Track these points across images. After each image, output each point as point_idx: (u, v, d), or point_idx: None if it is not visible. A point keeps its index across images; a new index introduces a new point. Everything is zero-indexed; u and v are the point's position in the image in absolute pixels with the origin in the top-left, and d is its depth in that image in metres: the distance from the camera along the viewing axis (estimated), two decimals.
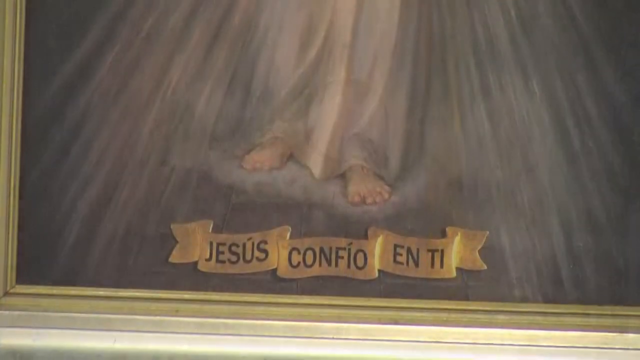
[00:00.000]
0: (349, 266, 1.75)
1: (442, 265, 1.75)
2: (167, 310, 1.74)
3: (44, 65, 1.75)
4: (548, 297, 1.74)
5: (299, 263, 1.75)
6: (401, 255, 1.75)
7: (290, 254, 1.75)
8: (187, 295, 1.75)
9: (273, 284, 1.76)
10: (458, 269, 1.75)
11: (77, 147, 1.76)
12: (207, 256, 1.76)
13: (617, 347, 1.72)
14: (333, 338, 1.72)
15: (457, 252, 1.74)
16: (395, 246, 1.75)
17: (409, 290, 1.74)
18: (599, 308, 1.73)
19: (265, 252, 1.76)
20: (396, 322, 1.73)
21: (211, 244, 1.76)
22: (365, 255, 1.75)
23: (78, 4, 1.74)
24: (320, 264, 1.75)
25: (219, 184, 1.78)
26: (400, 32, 1.77)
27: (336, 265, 1.75)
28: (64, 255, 1.76)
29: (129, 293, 1.75)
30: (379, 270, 1.75)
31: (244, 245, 1.76)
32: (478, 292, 1.74)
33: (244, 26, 1.78)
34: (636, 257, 1.74)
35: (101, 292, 1.75)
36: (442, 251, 1.75)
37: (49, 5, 1.75)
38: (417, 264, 1.75)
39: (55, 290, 1.75)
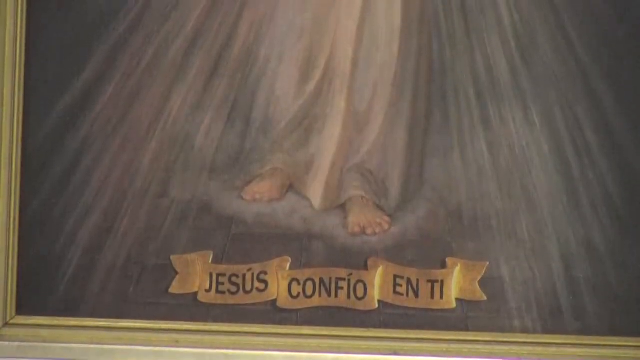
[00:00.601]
0: (348, 297, 1.75)
1: (442, 296, 1.74)
2: (167, 341, 1.74)
3: (44, 95, 1.76)
4: (548, 328, 1.74)
5: (298, 294, 1.75)
6: (401, 285, 1.75)
7: (290, 284, 1.75)
8: (187, 325, 1.75)
9: (273, 314, 1.76)
10: (458, 300, 1.75)
11: (77, 177, 1.76)
12: (207, 287, 1.76)
13: None
14: None
15: (457, 282, 1.75)
16: (395, 277, 1.75)
17: (409, 320, 1.75)
18: (598, 339, 1.73)
19: (265, 282, 1.76)
20: (396, 353, 1.72)
21: (211, 274, 1.76)
22: (365, 285, 1.75)
23: (78, 34, 1.75)
24: (320, 295, 1.75)
25: (218, 215, 1.79)
26: (400, 63, 1.78)
27: (336, 295, 1.75)
28: (63, 286, 1.76)
29: (129, 324, 1.75)
30: (379, 301, 1.75)
31: (244, 276, 1.76)
32: (478, 323, 1.74)
33: (244, 57, 1.78)
34: (636, 287, 1.74)
35: (101, 322, 1.75)
36: (442, 282, 1.75)
37: (49, 36, 1.75)
38: (417, 295, 1.75)
39: (56, 320, 1.75)
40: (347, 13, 1.78)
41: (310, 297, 1.75)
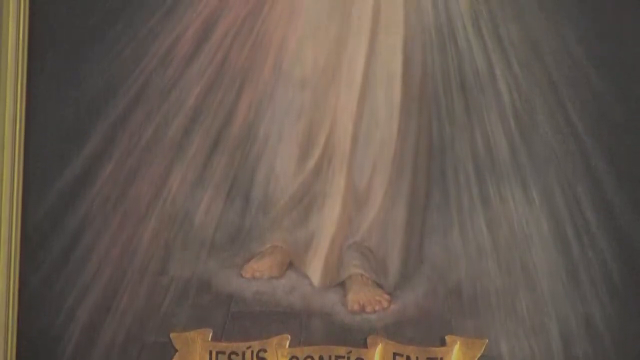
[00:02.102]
0: None
1: None
2: None
3: (43, 172, 1.76)
4: None
5: None
6: None
7: None
8: None
9: None
10: None
11: (77, 255, 1.76)
12: None
13: None
14: None
15: None
16: (395, 354, 1.75)
17: None
18: None
19: None
20: None
21: (210, 352, 1.76)
22: None
23: (78, 112, 1.76)
24: None
25: (218, 293, 1.78)
26: (400, 142, 1.78)
27: None
28: None
29: None
30: None
31: (244, 354, 1.75)
32: None
33: (244, 135, 1.79)
34: None
35: None
36: (442, 359, 1.75)
37: (48, 113, 1.76)
38: None
39: None
40: (347, 90, 1.78)
41: None
